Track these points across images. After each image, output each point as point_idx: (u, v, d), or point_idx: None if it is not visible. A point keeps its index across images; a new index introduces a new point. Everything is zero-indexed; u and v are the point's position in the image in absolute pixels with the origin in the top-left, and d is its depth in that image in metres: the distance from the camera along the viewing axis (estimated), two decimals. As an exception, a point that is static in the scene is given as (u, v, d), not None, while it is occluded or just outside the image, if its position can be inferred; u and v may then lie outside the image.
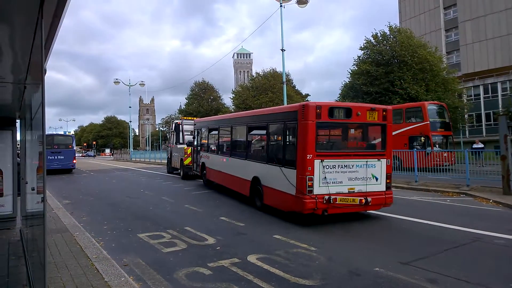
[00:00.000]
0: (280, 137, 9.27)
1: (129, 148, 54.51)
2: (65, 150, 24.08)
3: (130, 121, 53.68)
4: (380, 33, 32.58)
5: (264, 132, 9.91)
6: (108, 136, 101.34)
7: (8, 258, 5.41)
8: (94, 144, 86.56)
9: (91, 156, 78.94)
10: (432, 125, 19.00)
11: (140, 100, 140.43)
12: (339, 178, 7.76)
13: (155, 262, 5.36)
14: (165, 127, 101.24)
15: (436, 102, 22.68)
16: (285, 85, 22.75)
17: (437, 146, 19.15)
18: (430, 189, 12.59)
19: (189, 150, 17.89)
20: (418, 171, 13.93)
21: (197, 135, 15.91)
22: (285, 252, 5.71)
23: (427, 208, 9.55)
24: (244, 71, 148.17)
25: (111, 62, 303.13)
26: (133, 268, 5.14)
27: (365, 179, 8.02)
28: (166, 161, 23.02)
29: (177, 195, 12.84)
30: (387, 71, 30.16)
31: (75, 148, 27.08)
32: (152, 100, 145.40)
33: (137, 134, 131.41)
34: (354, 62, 34.36)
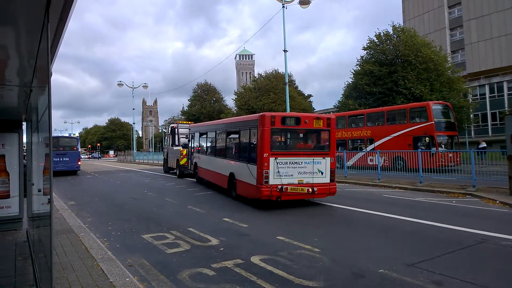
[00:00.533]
0: (247, 140, 11.08)
1: (133, 149, 54.77)
2: (70, 152, 24.24)
3: (134, 123, 54.06)
4: (383, 32, 32.48)
5: (237, 136, 11.95)
6: (112, 138, 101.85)
7: (15, 259, 5.46)
8: (98, 146, 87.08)
9: (96, 157, 79.40)
10: (437, 125, 18.88)
11: (143, 102, 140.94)
12: (290, 172, 9.72)
13: (159, 263, 5.39)
14: (167, 128, 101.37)
15: (441, 102, 22.56)
16: (287, 86, 22.75)
17: (443, 146, 19.04)
18: (435, 190, 12.53)
19: (184, 152, 19.66)
20: (422, 171, 13.84)
21: (191, 138, 18.13)
22: (288, 253, 5.71)
23: (432, 209, 9.50)
24: (246, 73, 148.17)
25: (115, 65, 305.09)
26: (138, 268, 5.17)
27: (312, 173, 9.94)
28: (173, 164, 23.74)
29: (180, 196, 12.89)
30: (391, 71, 30.05)
31: (79, 150, 27.26)
32: (155, 102, 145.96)
33: (140, 135, 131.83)
34: (357, 62, 34.31)
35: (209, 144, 15.48)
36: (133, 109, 51.96)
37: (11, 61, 3.69)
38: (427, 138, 18.73)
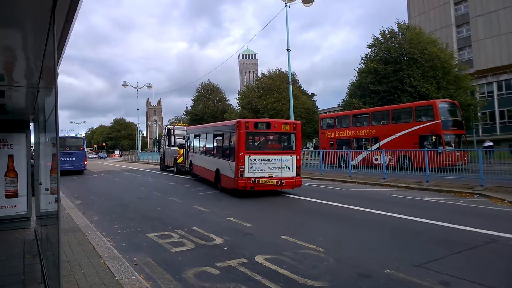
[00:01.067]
0: (227, 142, 13.17)
1: (137, 149, 55.03)
2: (77, 152, 24.44)
3: (138, 123, 54.18)
4: (388, 30, 32.26)
5: (221, 138, 14.00)
6: (117, 138, 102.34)
7: (23, 257, 5.54)
8: (104, 146, 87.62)
9: (102, 157, 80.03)
10: (444, 123, 18.71)
11: (148, 102, 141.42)
12: (261, 167, 11.71)
13: (164, 262, 5.43)
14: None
15: (447, 100, 22.36)
16: (290, 85, 22.73)
17: (452, 145, 18.88)
18: (442, 189, 12.44)
19: (181, 151, 21.82)
20: (429, 171, 13.74)
21: (188, 139, 20.11)
22: (293, 253, 5.72)
23: (439, 209, 9.44)
24: (249, 72, 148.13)
25: (120, 66, 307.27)
26: (143, 267, 5.22)
27: (280, 168, 11.90)
28: (170, 162, 25.20)
29: (184, 195, 12.94)
30: (396, 69, 29.83)
31: (86, 149, 27.46)
32: (159, 102, 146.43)
33: (145, 135, 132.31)
34: (362, 61, 34.09)
35: (201, 145, 17.39)
36: (138, 109, 52.12)
37: (18, 62, 3.74)
38: (433, 137, 18.56)
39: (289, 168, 12.04)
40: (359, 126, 23.44)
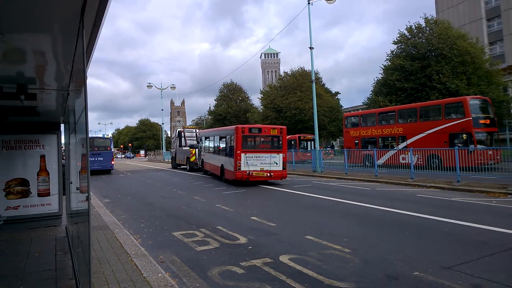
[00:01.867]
0: (229, 143, 16.36)
1: (162, 149, 56.10)
2: (104, 152, 25.21)
3: (163, 123, 55.23)
4: (415, 25, 31.34)
5: (224, 140, 17.27)
6: (142, 138, 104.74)
7: (55, 253, 5.76)
8: (130, 146, 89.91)
9: (129, 157, 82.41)
10: (475, 121, 17.96)
11: (172, 103, 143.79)
12: (254, 163, 14.87)
13: (189, 260, 5.49)
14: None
15: (479, 96, 21.47)
16: (314, 84, 22.47)
17: (483, 143, 18.11)
18: (474, 189, 11.94)
19: (193, 151, 25.24)
20: (460, 170, 13.21)
21: (200, 141, 23.79)
22: (318, 253, 5.65)
23: (470, 210, 9.08)
24: (271, 71, 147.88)
25: (145, 67, 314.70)
26: (169, 265, 5.30)
27: (270, 164, 15.03)
28: (182, 161, 28.61)
29: (208, 195, 13.07)
30: (423, 65, 28.95)
31: (113, 150, 28.29)
32: (183, 102, 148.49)
33: (169, 135, 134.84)
34: (387, 57, 33.31)
35: (210, 145, 20.62)
36: (162, 109, 53.15)
37: (49, 66, 3.88)
38: (464, 135, 17.88)
39: (276, 164, 15.20)
40: (385, 124, 22.90)
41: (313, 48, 21.54)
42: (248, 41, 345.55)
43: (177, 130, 31.43)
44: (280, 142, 15.70)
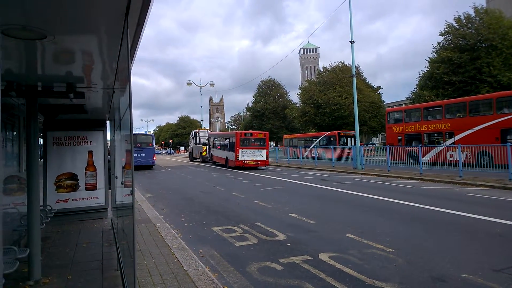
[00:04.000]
0: (231, 142, 24.33)
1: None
2: (146, 148, 26.21)
3: (202, 120, 56.42)
4: (464, 15, 29.45)
5: (228, 140, 25.81)
6: (182, 134, 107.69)
7: (102, 245, 6.06)
8: (170, 143, 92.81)
9: (170, 153, 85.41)
10: (530, 115, 16.61)
11: (211, 99, 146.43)
12: (247, 155, 23.20)
13: (228, 255, 5.55)
14: (233, 125, 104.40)
15: (534, 89, 19.81)
16: (354, 78, 21.83)
17: None
18: (529, 188, 11.05)
19: (205, 148, 34.20)
20: (513, 168, 12.27)
21: (209, 140, 32.91)
22: (359, 252, 5.48)
23: (525, 210, 8.40)
24: (310, 67, 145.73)
25: (186, 65, 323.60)
26: (209, 259, 5.39)
27: (258, 156, 23.36)
28: (197, 155, 37.90)
29: (247, 191, 13.15)
30: (473, 57, 27.17)
31: (154, 146, 29.36)
32: (221, 99, 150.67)
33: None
34: (434, 50, 31.63)
35: (217, 143, 29.45)
36: (201, 106, 54.43)
37: (96, 65, 4.06)
38: (518, 131, 16.57)
39: (262, 156, 23.75)
40: (430, 120, 21.78)
41: (354, 41, 20.95)
42: (288, 37, 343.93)
43: (193, 131, 40.35)
44: (264, 142, 24.34)
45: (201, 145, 35.13)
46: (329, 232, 6.85)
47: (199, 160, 36.41)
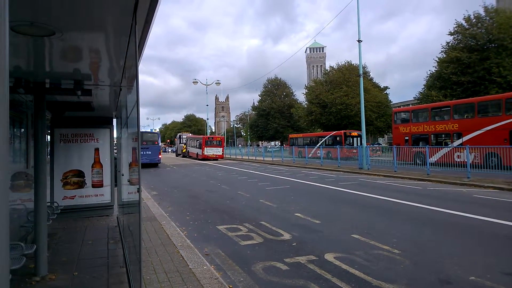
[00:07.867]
0: (200, 142, 39.22)
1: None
2: (152, 146, 26.32)
3: (207, 119, 56.47)
4: (473, 15, 29.10)
5: (197, 141, 41.00)
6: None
7: (107, 242, 6.09)
8: (175, 141, 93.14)
9: (175, 151, 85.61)
10: (540, 117, 16.37)
11: (216, 98, 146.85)
12: (210, 151, 37.66)
13: (233, 254, 5.54)
14: (239, 123, 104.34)
15: (544, 90, 19.51)
16: (361, 78, 21.69)
17: None
18: (538, 191, 10.89)
19: (184, 146, 47.97)
20: (522, 170, 12.11)
21: (187, 141, 48.33)
22: (365, 253, 5.44)
23: (534, 213, 8.27)
24: (316, 66, 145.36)
25: (194, 64, 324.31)
26: (214, 258, 5.38)
27: (216, 151, 38.20)
28: (180, 152, 52.24)
29: (252, 190, 13.14)
30: (482, 57, 26.83)
31: (160, 144, 29.46)
32: (227, 98, 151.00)
33: (213, 131, 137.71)
34: (442, 49, 31.29)
35: (191, 143, 43.77)
36: (207, 105, 54.33)
37: (103, 63, 4.06)
38: (527, 132, 16.34)
39: (219, 151, 37.86)
40: (438, 120, 21.57)
41: (361, 41, 20.81)
42: (298, 36, 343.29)
43: (178, 134, 58.97)
44: (221, 143, 38.95)
45: (183, 145, 49.99)
46: (334, 232, 6.82)
47: (181, 155, 50.30)
